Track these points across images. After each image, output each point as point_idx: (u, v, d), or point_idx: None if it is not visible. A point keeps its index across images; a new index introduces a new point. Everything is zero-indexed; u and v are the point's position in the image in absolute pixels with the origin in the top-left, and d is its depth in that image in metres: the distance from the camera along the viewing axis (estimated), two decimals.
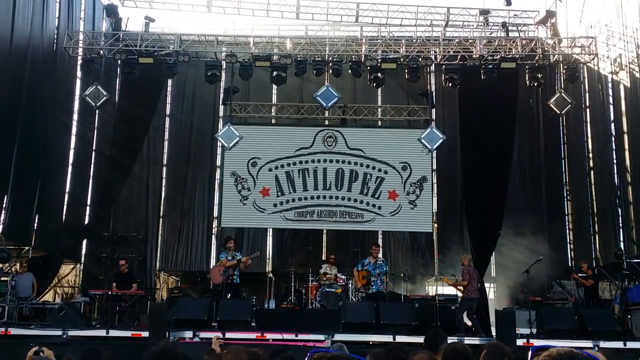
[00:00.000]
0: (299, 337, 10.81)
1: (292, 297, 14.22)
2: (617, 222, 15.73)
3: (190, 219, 18.55)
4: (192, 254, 18.39)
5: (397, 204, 15.73)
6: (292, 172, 16.00)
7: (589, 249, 17.01)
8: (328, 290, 13.54)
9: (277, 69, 15.63)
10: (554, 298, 14.19)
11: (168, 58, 15.48)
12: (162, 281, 18.57)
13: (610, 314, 12.02)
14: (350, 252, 17.00)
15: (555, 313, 12.21)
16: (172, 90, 19.07)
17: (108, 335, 11.17)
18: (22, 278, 13.35)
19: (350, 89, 18.02)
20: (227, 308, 11.89)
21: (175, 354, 4.16)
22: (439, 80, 17.09)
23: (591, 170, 17.35)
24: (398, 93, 17.88)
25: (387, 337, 10.79)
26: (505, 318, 11.09)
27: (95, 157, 17.51)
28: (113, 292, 12.78)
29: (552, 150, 18.61)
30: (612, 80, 16.41)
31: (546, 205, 18.04)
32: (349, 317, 11.65)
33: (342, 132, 16.34)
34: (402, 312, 11.84)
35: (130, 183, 17.51)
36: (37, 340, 8.13)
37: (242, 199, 15.81)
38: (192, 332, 10.95)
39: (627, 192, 15.43)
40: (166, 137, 19.11)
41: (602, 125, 16.81)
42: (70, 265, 17.10)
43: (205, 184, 18.80)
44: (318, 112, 17.10)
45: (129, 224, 18.06)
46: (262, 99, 17.83)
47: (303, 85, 17.85)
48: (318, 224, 16.31)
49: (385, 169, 15.96)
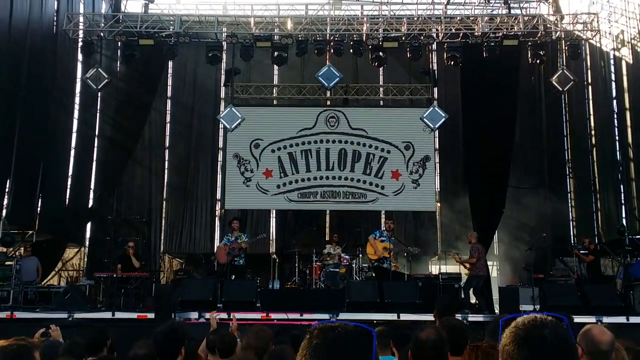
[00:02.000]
0: (303, 316, 10.89)
1: (296, 278, 14.27)
2: (619, 199, 15.75)
3: (193, 201, 18.58)
4: (196, 236, 18.45)
5: (400, 183, 15.73)
6: (294, 153, 15.99)
7: (591, 225, 17.05)
8: (332, 270, 13.59)
9: (278, 49, 15.56)
10: (556, 275, 14.24)
11: (168, 39, 15.41)
12: (167, 263, 18.65)
13: (613, 290, 12.09)
14: (354, 232, 17.01)
15: (558, 289, 12.28)
16: (173, 72, 19.00)
17: (114, 317, 11.26)
18: (27, 262, 13.39)
19: (352, 69, 17.94)
20: (232, 289, 11.97)
21: (182, 333, 4.22)
22: (441, 58, 17.03)
23: (593, 147, 17.33)
24: (400, 72, 17.80)
25: (391, 315, 10.87)
26: (508, 295, 11.19)
27: (97, 140, 17.50)
28: (118, 275, 12.85)
29: (554, 127, 18.58)
30: (614, 57, 16.33)
31: (548, 182, 18.05)
32: (353, 296, 11.73)
33: (344, 112, 16.31)
34: (406, 291, 11.91)
35: (132, 166, 17.55)
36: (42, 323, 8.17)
37: (245, 180, 15.82)
38: (197, 313, 11.03)
39: (629, 169, 15.42)
40: (168, 120, 19.07)
41: (604, 102, 16.75)
42: (75, 248, 17.18)
43: (208, 166, 18.80)
44: (320, 93, 17.06)
45: (133, 206, 18.11)
46: (263, 80, 17.76)
47: (304, 66, 17.77)
48: (321, 205, 16.34)
49: (388, 149, 15.94)
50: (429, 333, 3.44)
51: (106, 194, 16.71)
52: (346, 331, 1.72)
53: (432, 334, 3.42)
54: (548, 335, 1.60)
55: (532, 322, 1.64)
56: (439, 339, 3.41)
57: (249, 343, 4.29)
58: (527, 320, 1.65)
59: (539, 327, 1.62)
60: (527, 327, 1.63)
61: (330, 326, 1.73)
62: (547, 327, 1.62)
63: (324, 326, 1.74)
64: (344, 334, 1.71)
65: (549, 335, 1.60)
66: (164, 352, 4.07)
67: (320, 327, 1.74)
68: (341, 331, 1.72)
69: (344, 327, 1.74)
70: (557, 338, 1.60)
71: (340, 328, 1.72)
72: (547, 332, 1.60)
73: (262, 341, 4.26)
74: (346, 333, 1.72)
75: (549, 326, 1.62)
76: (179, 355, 4.07)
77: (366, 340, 1.73)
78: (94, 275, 13.72)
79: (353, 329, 1.74)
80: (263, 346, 4.23)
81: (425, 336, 3.41)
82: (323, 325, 1.75)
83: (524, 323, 1.65)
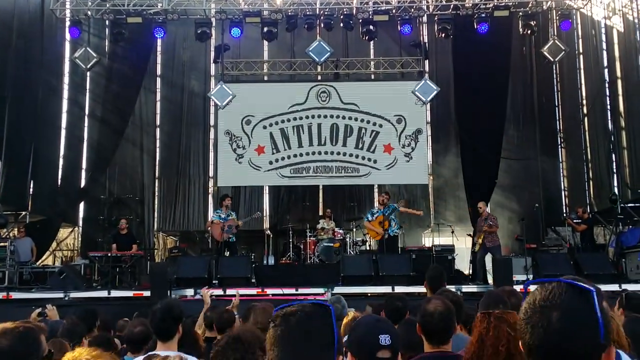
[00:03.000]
0: (299, 291, 10.98)
1: (291, 253, 14.35)
2: (611, 168, 15.82)
3: (186, 179, 18.56)
4: (190, 213, 18.46)
5: (392, 157, 15.71)
6: (286, 128, 15.93)
7: (583, 195, 17.15)
8: (326, 244, 13.66)
9: (267, 25, 15.44)
10: (549, 245, 14.36)
11: (157, 17, 15.26)
12: (161, 241, 18.69)
13: (605, 258, 12.22)
14: (347, 206, 17.09)
15: (551, 259, 12.39)
16: (162, 50, 18.83)
17: (110, 295, 11.32)
18: (21, 243, 13.41)
19: (343, 43, 17.80)
20: (227, 265, 12.04)
21: (180, 311, 4.24)
22: (432, 31, 16.93)
23: (585, 117, 17.35)
24: (391, 45, 17.68)
25: (385, 288, 10.97)
26: (502, 265, 11.26)
27: (88, 120, 17.40)
28: (113, 254, 12.88)
29: (546, 98, 18.59)
30: (605, 26, 16.30)
31: (540, 153, 18.10)
32: (348, 270, 11.83)
33: (335, 87, 16.22)
34: (400, 264, 12.01)
35: (124, 145, 17.46)
36: (38, 303, 8.20)
37: (237, 157, 15.77)
38: (193, 290, 11.10)
39: (620, 137, 15.48)
40: (158, 98, 18.95)
41: (596, 71, 16.75)
42: (69, 228, 17.17)
43: (199, 143, 18.74)
44: (311, 68, 16.95)
45: (125, 185, 18.09)
46: (253, 56, 17.63)
47: (295, 41, 17.65)
48: (314, 180, 16.32)
49: (380, 123, 15.89)
50: (436, 305, 3.43)
51: (98, 173, 16.65)
52: (305, 313, 1.76)
53: (439, 306, 3.41)
54: (555, 320, 1.51)
55: (544, 301, 1.55)
56: (447, 310, 3.40)
57: (256, 320, 4.33)
58: (541, 296, 1.56)
59: (548, 308, 1.53)
60: (536, 306, 1.55)
61: (290, 311, 1.77)
62: (556, 309, 1.52)
63: (285, 312, 1.77)
64: (304, 316, 1.75)
65: (556, 318, 1.51)
66: (161, 329, 4.07)
67: (281, 315, 1.77)
68: (301, 314, 1.75)
69: (302, 308, 1.77)
70: (567, 321, 1.51)
71: (299, 311, 1.76)
72: (555, 315, 1.52)
73: (269, 317, 4.31)
74: (306, 315, 1.75)
75: (560, 308, 1.52)
76: (177, 333, 4.08)
77: (326, 316, 1.77)
78: (89, 254, 13.75)
79: (311, 308, 1.78)
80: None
81: (433, 308, 3.40)
82: (284, 312, 1.78)
83: (537, 299, 1.56)
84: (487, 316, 2.86)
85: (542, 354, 1.53)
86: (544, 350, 1.52)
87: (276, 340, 1.75)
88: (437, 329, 3.35)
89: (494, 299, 3.84)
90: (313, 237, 14.08)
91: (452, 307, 3.51)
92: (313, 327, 1.74)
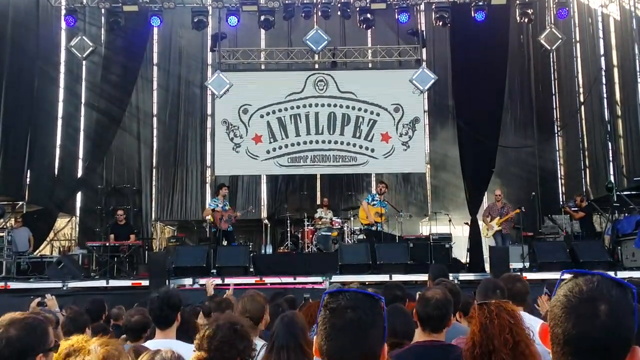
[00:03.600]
0: (297, 280, 11.02)
1: (289, 242, 14.39)
2: (607, 156, 15.86)
3: (183, 169, 18.57)
4: (187, 203, 18.48)
5: (390, 146, 15.71)
6: (283, 117, 15.91)
7: (579, 183, 17.20)
8: (324, 233, 13.70)
9: (264, 13, 15.36)
10: (545, 233, 14.41)
11: (153, 5, 15.18)
12: (159, 231, 18.71)
13: (601, 246, 12.28)
14: (345, 195, 17.13)
15: (547, 247, 12.45)
16: (158, 39, 18.77)
17: (108, 285, 11.35)
18: (18, 233, 13.41)
19: (340, 32, 17.78)
20: (225, 255, 12.07)
21: (178, 299, 4.25)
22: (429, 19, 16.89)
23: (581, 105, 17.36)
24: (388, 34, 17.66)
25: (383, 276, 11.01)
26: (498, 253, 11.32)
27: (84, 109, 17.36)
28: (111, 243, 12.89)
29: (543, 86, 18.60)
30: (602, 14, 16.27)
31: (537, 141, 18.12)
32: (346, 258, 11.87)
33: (332, 76, 16.18)
34: (398, 252, 12.07)
35: (121, 134, 17.42)
36: (37, 293, 8.22)
37: (235, 146, 15.75)
38: (191, 279, 11.13)
39: (617, 126, 15.51)
40: (155, 87, 18.92)
41: (593, 59, 16.73)
42: (66, 218, 17.18)
43: (197, 133, 18.73)
44: (308, 56, 16.88)
45: (123, 175, 18.09)
46: (250, 45, 17.56)
47: (292, 29, 17.60)
48: (312, 169, 16.33)
49: (377, 111, 15.87)
50: (434, 292, 3.47)
51: (95, 163, 16.60)
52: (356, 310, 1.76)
53: (437, 294, 3.45)
54: (602, 313, 1.48)
55: (589, 292, 1.52)
56: (445, 298, 3.44)
57: (245, 307, 4.34)
58: (585, 287, 1.53)
59: (594, 299, 1.50)
60: (582, 295, 1.52)
61: (344, 306, 1.76)
62: (604, 302, 1.50)
63: (337, 307, 1.78)
64: (357, 308, 1.76)
65: (604, 312, 1.48)
66: (159, 317, 4.08)
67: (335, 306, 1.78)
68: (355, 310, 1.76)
69: (354, 297, 1.79)
70: (611, 316, 1.49)
71: (352, 307, 1.76)
72: (603, 308, 1.49)
73: (258, 305, 4.31)
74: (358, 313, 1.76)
75: (606, 300, 1.50)
76: (175, 321, 4.09)
77: (378, 308, 1.80)
78: (87, 244, 13.76)
79: (363, 298, 1.80)
80: (259, 309, 4.29)
81: (431, 295, 3.45)
82: (337, 304, 1.78)
83: (581, 290, 1.53)
84: (487, 306, 2.88)
85: (582, 345, 1.51)
86: (586, 341, 1.50)
87: (324, 330, 1.77)
88: (432, 315, 3.38)
89: (492, 286, 3.89)
90: (311, 226, 14.11)
91: (450, 297, 3.54)
92: (362, 321, 1.76)
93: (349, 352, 1.74)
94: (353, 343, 1.74)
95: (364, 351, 1.75)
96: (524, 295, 4.23)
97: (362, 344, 1.75)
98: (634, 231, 11.60)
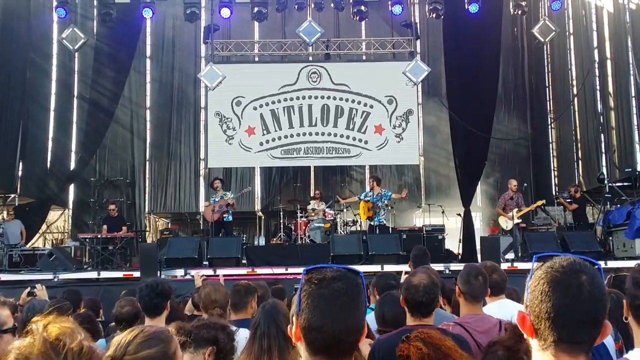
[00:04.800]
0: (288, 270, 11.02)
1: (282, 234, 14.39)
2: (599, 148, 15.89)
3: (177, 161, 18.54)
4: (181, 195, 18.46)
5: (383, 138, 15.72)
6: (277, 109, 15.89)
7: (572, 175, 17.24)
8: (317, 225, 13.71)
9: (257, 5, 15.29)
10: (538, 224, 14.45)
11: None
12: (152, 223, 18.69)
13: (592, 236, 12.33)
14: (338, 187, 17.12)
15: (539, 237, 12.45)
16: (151, 31, 18.70)
17: (100, 277, 11.34)
18: (10, 226, 13.39)
19: (333, 24, 17.75)
20: (217, 246, 12.06)
21: (168, 287, 4.25)
22: (422, 11, 16.85)
23: (575, 98, 17.38)
24: (382, 26, 17.63)
25: (375, 267, 11.02)
26: (490, 244, 11.35)
27: (76, 101, 17.30)
28: (103, 235, 12.88)
29: (536, 78, 18.63)
30: (595, 6, 16.28)
31: (530, 133, 18.18)
32: (338, 249, 11.88)
33: (326, 68, 16.17)
34: (390, 243, 12.08)
35: (114, 127, 17.37)
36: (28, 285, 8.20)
37: (228, 138, 15.73)
38: (183, 270, 11.13)
39: (609, 118, 15.54)
40: (148, 80, 18.87)
41: (586, 52, 16.73)
42: (59, 211, 17.15)
43: (190, 125, 18.69)
44: (301, 48, 16.84)
45: (116, 168, 18.06)
46: (243, 37, 17.50)
47: (285, 21, 17.56)
48: (305, 161, 16.32)
49: (370, 104, 15.87)
50: (421, 278, 3.46)
51: (88, 155, 16.55)
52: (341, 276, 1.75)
53: (424, 279, 3.44)
54: (585, 282, 1.57)
55: (570, 266, 1.61)
56: (431, 283, 3.44)
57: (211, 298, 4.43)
58: (565, 263, 1.62)
59: (576, 271, 1.60)
60: (565, 269, 1.60)
61: (331, 277, 1.74)
62: (584, 273, 1.59)
63: (323, 277, 1.75)
64: (340, 279, 1.74)
65: (586, 282, 1.58)
66: (149, 305, 4.09)
67: (317, 278, 1.76)
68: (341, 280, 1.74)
69: (338, 270, 1.78)
70: (593, 286, 1.58)
71: (337, 277, 1.74)
72: (585, 278, 1.58)
73: (221, 295, 4.44)
74: (342, 278, 1.74)
75: (586, 272, 1.60)
76: (165, 310, 4.10)
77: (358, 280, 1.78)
78: (79, 236, 13.74)
79: (345, 270, 1.79)
80: (223, 299, 4.41)
81: (418, 280, 3.44)
82: (323, 275, 1.76)
83: (562, 265, 1.61)
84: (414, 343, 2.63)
85: (571, 316, 1.57)
86: (575, 311, 1.57)
87: (310, 302, 1.71)
88: (421, 300, 3.39)
89: (474, 272, 3.88)
90: (304, 217, 14.12)
91: (436, 280, 3.54)
92: (349, 291, 1.72)
93: (341, 322, 1.68)
94: (345, 312, 1.69)
95: (354, 319, 1.71)
96: (502, 285, 4.29)
97: (352, 313, 1.71)
98: (625, 222, 11.65)
